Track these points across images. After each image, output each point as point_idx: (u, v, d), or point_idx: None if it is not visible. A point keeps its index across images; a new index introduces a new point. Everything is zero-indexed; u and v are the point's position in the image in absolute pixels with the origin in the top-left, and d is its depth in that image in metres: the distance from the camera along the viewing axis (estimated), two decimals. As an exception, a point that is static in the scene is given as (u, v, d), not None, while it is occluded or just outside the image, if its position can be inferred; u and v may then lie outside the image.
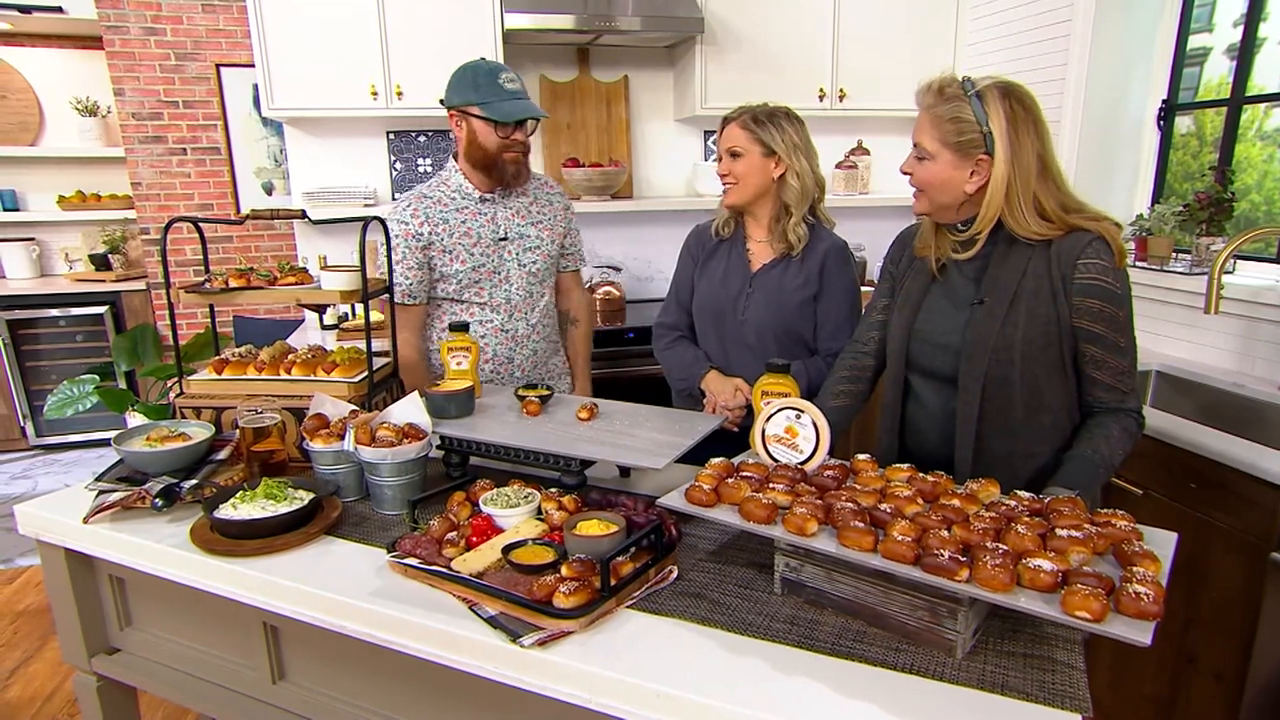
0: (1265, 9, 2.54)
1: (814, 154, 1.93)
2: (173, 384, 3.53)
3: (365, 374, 1.75)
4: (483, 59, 2.01)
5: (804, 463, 1.33)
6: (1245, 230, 2.30)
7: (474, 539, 1.28)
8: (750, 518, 1.17)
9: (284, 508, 1.39)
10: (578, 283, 2.35)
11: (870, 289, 2.19)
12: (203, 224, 1.78)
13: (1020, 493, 1.21)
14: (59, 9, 4.35)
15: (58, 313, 4.48)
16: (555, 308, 2.30)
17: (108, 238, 4.71)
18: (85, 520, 1.45)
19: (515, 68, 3.33)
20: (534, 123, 2.02)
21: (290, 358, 1.78)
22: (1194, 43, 2.82)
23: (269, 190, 4.63)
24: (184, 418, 1.71)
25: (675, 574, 1.24)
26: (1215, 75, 2.76)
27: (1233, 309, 2.35)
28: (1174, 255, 2.63)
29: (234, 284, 1.71)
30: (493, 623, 1.12)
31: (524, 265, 2.11)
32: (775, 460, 1.35)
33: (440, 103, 2.03)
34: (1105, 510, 1.14)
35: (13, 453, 4.60)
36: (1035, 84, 1.44)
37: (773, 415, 1.36)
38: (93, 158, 4.71)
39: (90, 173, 4.81)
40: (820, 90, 3.38)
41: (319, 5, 2.93)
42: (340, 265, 1.98)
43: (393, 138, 3.41)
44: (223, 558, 1.32)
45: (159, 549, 1.38)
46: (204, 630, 1.48)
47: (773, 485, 1.23)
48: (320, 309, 3.25)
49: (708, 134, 3.66)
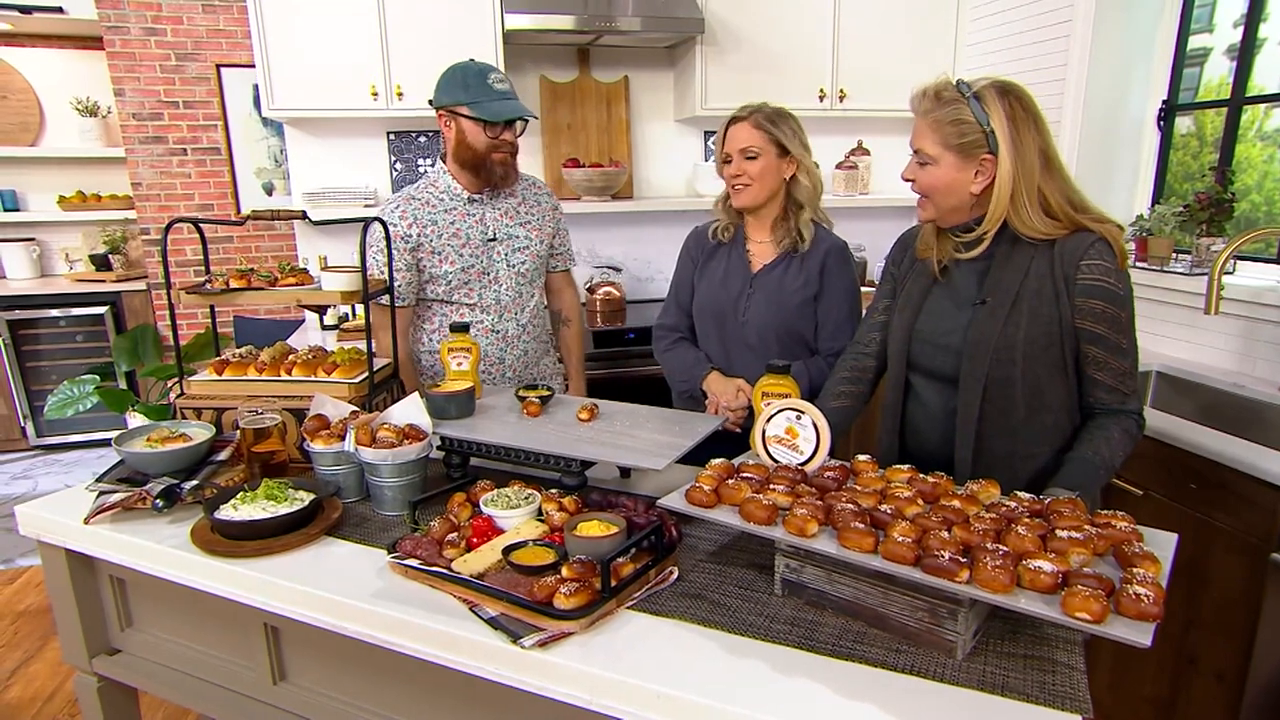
0: (1265, 9, 2.54)
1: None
2: (173, 384, 3.53)
3: (366, 375, 1.75)
4: (472, 60, 2.01)
5: (804, 464, 1.33)
6: (1245, 231, 2.30)
7: (474, 540, 1.28)
8: (751, 519, 1.17)
9: (284, 509, 1.39)
10: (569, 282, 2.36)
11: (870, 289, 2.20)
12: (203, 225, 1.78)
13: (1020, 494, 1.21)
14: (59, 9, 4.35)
15: (58, 313, 4.48)
16: (546, 308, 2.30)
17: (108, 238, 4.72)
18: (86, 521, 1.45)
19: (515, 68, 3.36)
20: (523, 123, 2.02)
21: (291, 358, 1.78)
22: (1194, 43, 2.82)
23: (269, 191, 4.63)
24: (184, 418, 1.71)
25: (676, 575, 1.25)
26: (1215, 75, 2.76)
27: (1233, 309, 2.35)
28: (1174, 256, 2.63)
29: (235, 285, 1.71)
30: (493, 624, 1.12)
31: (513, 266, 2.11)
32: (776, 461, 1.35)
33: (429, 103, 2.03)
34: (1105, 511, 1.14)
35: (13, 453, 4.60)
36: (1035, 84, 1.45)
37: (773, 416, 1.36)
38: (93, 158, 4.71)
39: (90, 173, 4.81)
40: (820, 91, 3.38)
41: (319, 5, 2.92)
42: (341, 266, 1.98)
43: (393, 138, 3.41)
44: (223, 558, 1.33)
45: (160, 550, 1.39)
46: (204, 631, 1.48)
47: (773, 486, 1.23)
48: (321, 309, 3.25)
49: (708, 134, 3.66)
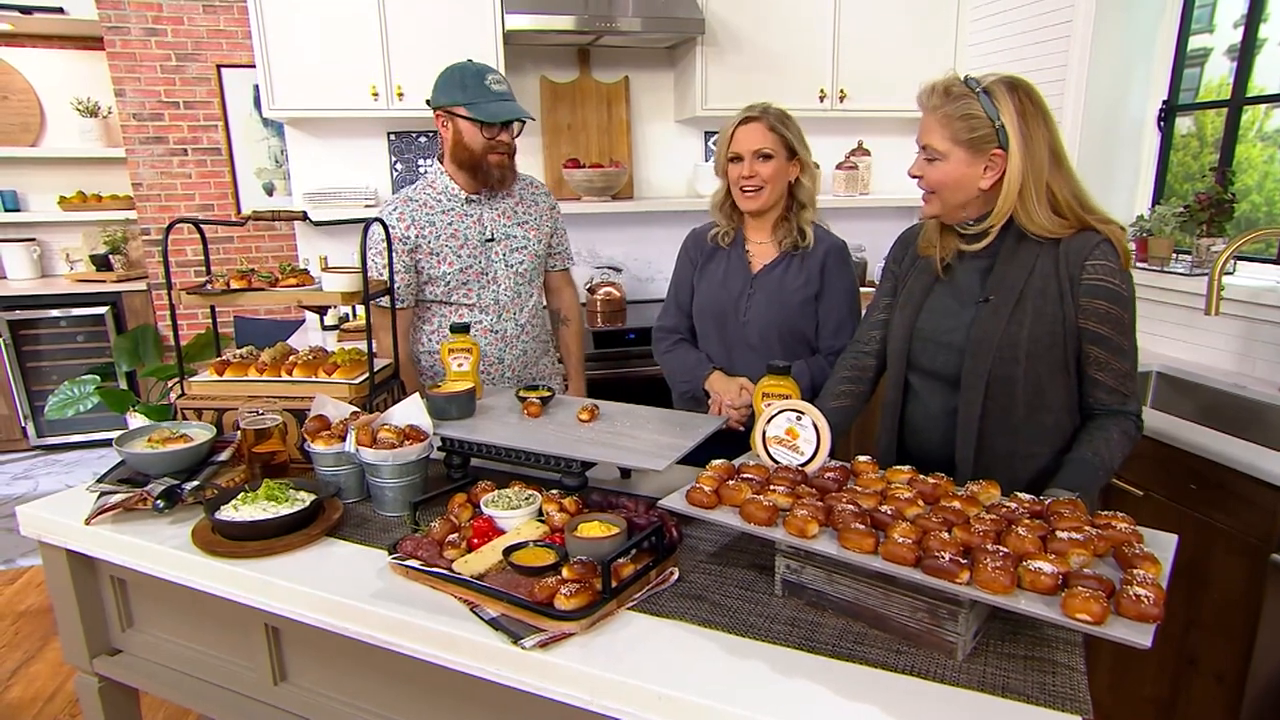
0: (1266, 10, 2.54)
1: None
2: (174, 385, 3.53)
3: (366, 375, 1.76)
4: (470, 60, 2.01)
5: (805, 464, 1.33)
6: (1245, 231, 2.30)
7: (475, 541, 1.28)
8: (751, 520, 1.17)
9: (285, 509, 1.39)
10: (568, 282, 2.36)
11: (870, 290, 2.20)
12: (204, 225, 1.78)
13: (1021, 495, 1.21)
14: (60, 10, 4.36)
15: (59, 313, 4.48)
16: (545, 308, 2.30)
17: (108, 238, 4.72)
18: (87, 522, 1.45)
19: (516, 68, 3.36)
20: (520, 125, 2.02)
21: (291, 359, 1.78)
22: (1194, 43, 2.82)
23: (270, 191, 4.63)
24: (185, 419, 1.72)
25: (676, 576, 1.25)
26: (1216, 76, 2.76)
27: (1233, 310, 2.35)
28: (1174, 256, 2.63)
29: (236, 286, 1.71)
30: (494, 624, 1.12)
31: (511, 266, 2.11)
32: (776, 462, 1.35)
33: (427, 103, 2.03)
34: (1106, 512, 1.14)
35: (14, 453, 4.60)
36: (1036, 85, 1.45)
37: (773, 417, 1.36)
38: (93, 158, 4.71)
39: (91, 173, 4.81)
40: (821, 91, 3.38)
41: (320, 6, 2.92)
42: (341, 266, 1.98)
43: (393, 139, 3.41)
44: (224, 559, 1.33)
45: (161, 550, 1.39)
46: (205, 631, 1.48)
47: (773, 487, 1.23)
48: (321, 310, 3.26)
49: (708, 135, 3.66)
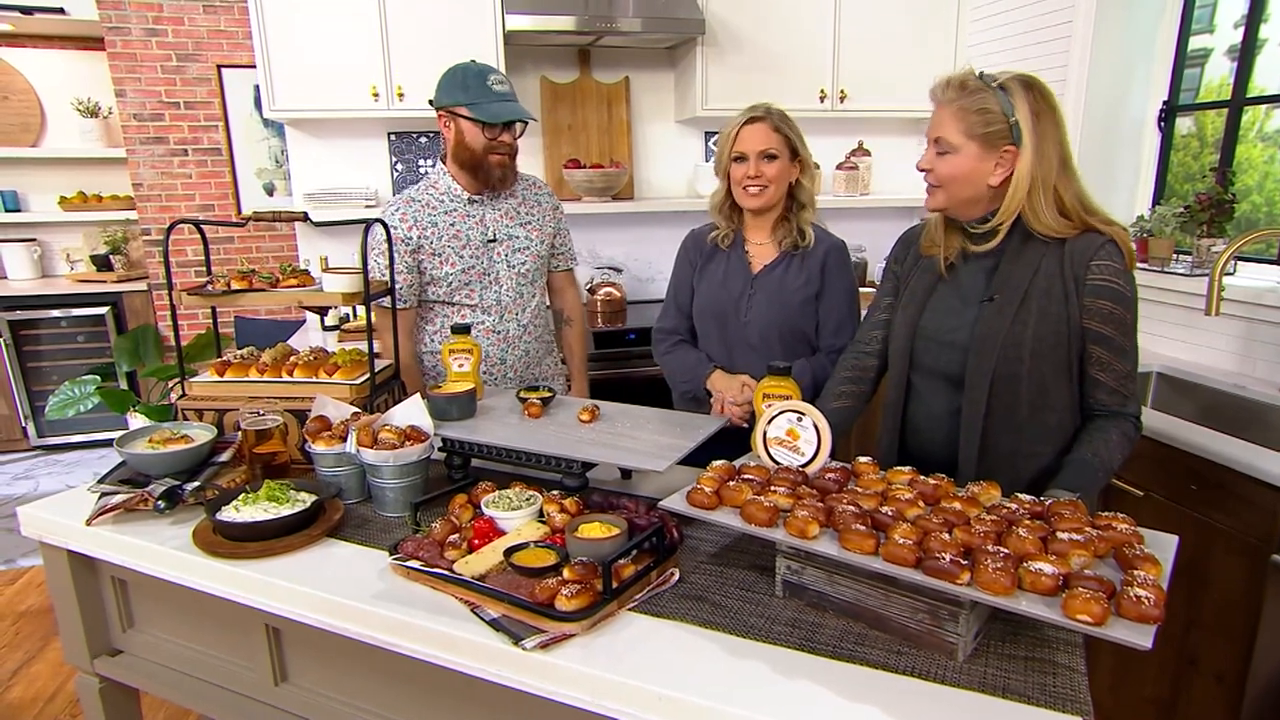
0: (1266, 10, 2.54)
1: None
2: (174, 385, 3.53)
3: (367, 376, 1.76)
4: (472, 61, 2.01)
5: (805, 465, 1.33)
6: (1246, 232, 2.30)
7: (476, 541, 1.28)
8: (752, 520, 1.17)
9: (286, 510, 1.39)
10: (570, 282, 2.35)
11: (870, 290, 2.20)
12: (204, 226, 1.78)
13: (1021, 496, 1.21)
14: (60, 10, 4.36)
15: (59, 313, 4.48)
16: (548, 308, 2.30)
17: (109, 238, 4.72)
18: (88, 522, 1.45)
19: (516, 69, 3.36)
20: (522, 125, 2.02)
21: (292, 360, 1.78)
22: (1195, 44, 2.81)
23: (270, 191, 4.63)
24: (186, 419, 1.72)
25: (677, 577, 1.25)
26: (1216, 76, 2.76)
27: (1233, 310, 2.35)
28: (1175, 256, 2.63)
29: (236, 286, 1.71)
30: (495, 625, 1.13)
31: (513, 266, 2.11)
32: (777, 463, 1.36)
33: (429, 103, 2.04)
34: (1106, 513, 1.14)
35: (14, 453, 4.61)
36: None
37: (774, 418, 1.36)
38: (94, 158, 4.71)
39: (91, 173, 4.81)
40: (821, 91, 3.38)
41: (320, 6, 2.93)
42: (342, 267, 1.98)
43: (394, 139, 3.41)
44: (225, 560, 1.33)
45: (161, 551, 1.39)
46: (206, 632, 1.48)
47: (774, 488, 1.23)
48: (322, 310, 3.25)
49: (709, 135, 3.66)
